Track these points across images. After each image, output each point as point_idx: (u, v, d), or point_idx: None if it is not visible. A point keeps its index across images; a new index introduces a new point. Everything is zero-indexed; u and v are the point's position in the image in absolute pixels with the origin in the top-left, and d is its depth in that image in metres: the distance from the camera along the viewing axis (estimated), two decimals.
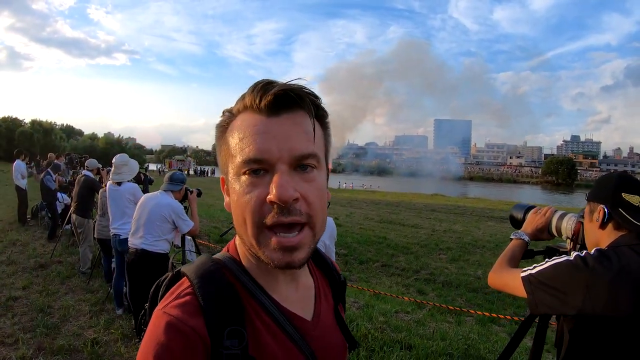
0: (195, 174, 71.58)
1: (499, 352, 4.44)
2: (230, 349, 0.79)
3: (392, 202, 30.79)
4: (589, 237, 1.86)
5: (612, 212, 1.73)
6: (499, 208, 28.42)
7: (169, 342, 0.77)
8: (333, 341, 1.02)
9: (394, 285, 9.70)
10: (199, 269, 0.88)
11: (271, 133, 0.81)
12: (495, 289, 2.05)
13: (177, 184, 4.76)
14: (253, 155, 0.80)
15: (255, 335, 0.84)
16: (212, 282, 0.85)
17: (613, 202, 1.74)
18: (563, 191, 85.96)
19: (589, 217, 1.84)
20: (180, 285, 0.88)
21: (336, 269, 1.16)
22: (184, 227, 4.64)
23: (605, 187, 1.79)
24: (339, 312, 1.09)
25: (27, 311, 5.73)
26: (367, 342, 4.38)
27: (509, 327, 6.38)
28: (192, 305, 0.81)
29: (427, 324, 5.65)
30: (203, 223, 13.53)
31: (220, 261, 0.93)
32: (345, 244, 13.30)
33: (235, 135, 0.84)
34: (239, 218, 0.84)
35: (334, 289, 1.12)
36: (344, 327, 1.08)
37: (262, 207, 0.79)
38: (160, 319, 0.80)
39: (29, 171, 21.92)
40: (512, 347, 2.09)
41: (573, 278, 1.58)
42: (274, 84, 0.83)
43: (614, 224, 1.74)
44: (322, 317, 1.01)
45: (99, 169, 8.05)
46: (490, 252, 13.62)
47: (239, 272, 0.91)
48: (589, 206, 1.85)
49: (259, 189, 0.80)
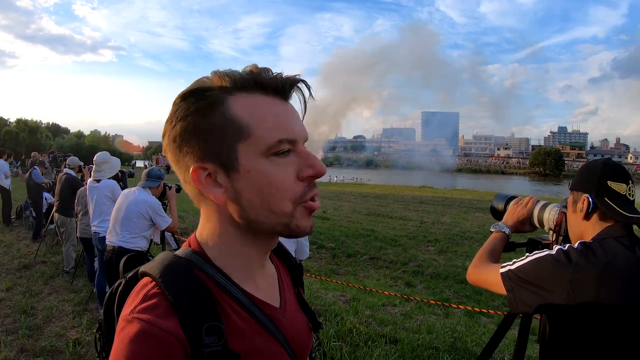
0: None
1: (485, 343, 4.43)
2: (211, 347, 0.75)
3: (380, 195, 30.81)
4: (572, 229, 1.76)
5: (597, 202, 1.63)
6: (487, 199, 28.45)
7: (144, 350, 0.71)
8: (300, 325, 1.02)
9: (382, 277, 9.70)
10: (163, 266, 0.83)
11: (292, 116, 0.86)
12: (475, 285, 1.98)
13: (154, 180, 4.70)
14: (289, 135, 0.82)
15: (231, 328, 0.81)
16: (180, 278, 0.81)
17: (598, 191, 1.64)
18: (551, 182, 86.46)
19: (572, 208, 1.75)
20: (144, 286, 0.81)
21: (290, 254, 1.16)
22: (161, 224, 4.58)
23: (590, 175, 1.69)
24: (301, 296, 1.09)
25: (10, 313, 5.67)
26: (352, 337, 4.35)
27: (497, 319, 6.38)
28: (162, 306, 0.76)
29: (414, 317, 5.63)
30: (188, 219, 13.49)
31: (184, 257, 0.87)
32: (333, 237, 13.30)
33: (252, 114, 0.81)
34: (268, 198, 0.82)
35: (292, 273, 1.12)
36: (308, 309, 1.07)
37: (296, 184, 0.83)
38: (131, 325, 0.74)
39: (14, 171, 21.78)
40: (495, 343, 2.05)
41: (556, 274, 1.51)
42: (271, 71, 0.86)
43: (599, 214, 1.64)
44: (288, 302, 1.01)
45: (80, 166, 7.97)
46: (478, 244, 13.65)
47: (205, 266, 0.86)
48: (572, 196, 1.75)
49: (290, 167, 0.83)
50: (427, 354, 4.07)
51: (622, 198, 1.61)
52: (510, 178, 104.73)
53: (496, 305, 7.61)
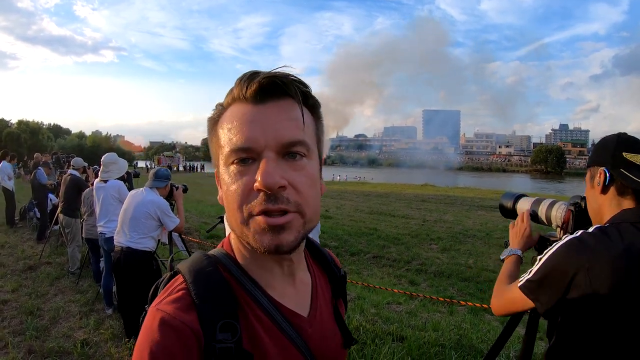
0: (185, 169, 71.32)
1: (491, 341, 4.45)
2: (223, 343, 0.78)
3: (382, 193, 30.85)
4: (591, 205, 1.74)
5: (614, 173, 1.60)
6: (489, 197, 28.51)
7: (163, 339, 0.76)
8: (330, 338, 1.01)
9: (386, 276, 9.72)
10: (192, 265, 0.88)
11: (257, 121, 0.81)
12: (503, 314, 1.92)
13: (162, 180, 4.70)
14: (240, 144, 0.80)
15: (249, 330, 0.84)
16: (205, 277, 0.85)
17: (614, 163, 1.61)
18: (552, 179, 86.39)
19: (590, 184, 1.72)
20: (174, 282, 0.88)
21: (335, 263, 1.15)
22: (169, 224, 4.58)
23: (604, 148, 1.67)
24: (337, 308, 1.08)
25: (17, 314, 5.67)
26: (359, 335, 4.36)
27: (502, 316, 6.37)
28: (184, 301, 0.81)
29: (419, 315, 5.64)
30: (193, 219, 13.51)
31: (215, 257, 0.92)
32: (336, 236, 13.35)
33: (225, 126, 0.84)
34: (229, 207, 0.83)
35: (333, 284, 1.10)
36: (342, 323, 1.06)
37: (249, 195, 0.79)
38: (154, 315, 0.80)
39: (17, 172, 21.79)
40: (502, 341, 2.04)
41: (570, 262, 1.47)
42: (258, 74, 0.83)
43: (616, 188, 1.61)
44: (319, 313, 0.99)
45: (84, 167, 7.97)
46: (481, 242, 13.70)
47: (232, 267, 0.90)
48: (589, 172, 1.73)
49: (246, 177, 0.80)
50: (433, 351, 4.08)
51: (638, 168, 1.58)
52: (512, 176, 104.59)
53: None
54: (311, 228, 0.86)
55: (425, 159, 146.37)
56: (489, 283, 8.97)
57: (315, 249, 1.12)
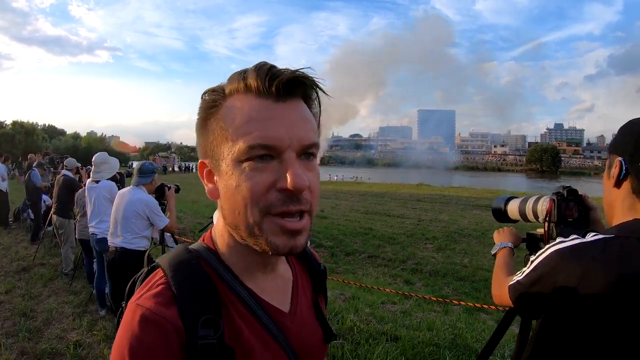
0: (180, 170, 71.16)
1: (486, 340, 4.42)
2: (205, 339, 0.77)
3: (378, 193, 30.89)
4: (605, 196, 1.51)
5: (630, 167, 1.34)
6: (484, 197, 28.55)
7: (143, 335, 0.75)
8: (311, 333, 1.00)
9: (381, 276, 9.74)
10: (173, 259, 0.87)
11: (280, 119, 0.79)
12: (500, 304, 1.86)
13: (147, 175, 4.64)
14: (262, 140, 0.77)
15: (231, 325, 0.83)
16: (186, 271, 0.84)
17: (633, 155, 1.33)
18: (548, 178, 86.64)
19: (607, 173, 1.47)
20: (154, 276, 0.86)
21: (315, 258, 1.13)
22: (159, 223, 4.54)
23: (629, 134, 1.38)
24: (318, 304, 1.07)
25: (10, 316, 5.64)
26: (353, 335, 4.35)
27: (496, 315, 6.39)
28: (165, 295, 0.80)
29: (413, 314, 5.64)
30: (187, 219, 13.49)
31: (196, 251, 0.90)
32: (331, 236, 13.37)
33: (236, 117, 0.80)
34: (237, 204, 0.80)
35: (314, 279, 1.09)
36: (322, 318, 1.05)
37: (267, 194, 0.77)
38: (134, 311, 0.78)
39: (11, 173, 21.71)
40: (496, 340, 2.03)
41: (562, 273, 1.32)
42: (280, 69, 0.80)
43: (631, 184, 1.35)
44: (300, 308, 0.99)
45: (77, 168, 7.93)
46: (476, 241, 13.74)
47: (214, 262, 0.88)
48: (608, 159, 1.47)
49: (264, 174, 0.77)
50: (427, 350, 4.08)
51: None
52: (507, 175, 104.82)
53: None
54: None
55: (421, 158, 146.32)
56: (485, 282, 8.99)
57: None
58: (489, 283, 1.91)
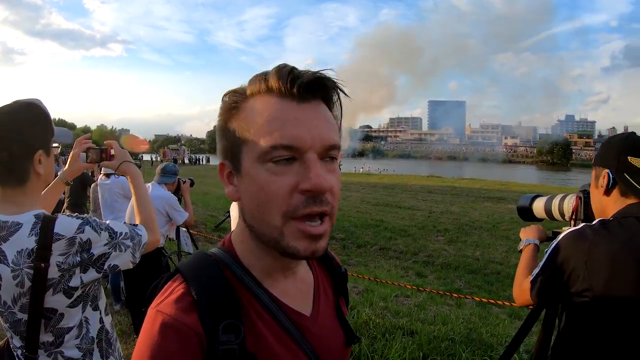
0: (190, 162, 71.41)
1: (500, 335, 4.44)
2: (226, 344, 0.76)
3: (388, 185, 30.84)
4: (595, 204, 1.74)
5: (617, 177, 1.59)
6: (495, 188, 28.50)
7: (164, 342, 0.75)
8: (333, 336, 0.98)
9: (393, 268, 9.73)
10: (193, 264, 0.86)
11: (302, 120, 0.78)
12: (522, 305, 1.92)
13: (169, 176, 4.66)
14: (286, 141, 0.76)
15: (253, 330, 0.81)
16: (206, 276, 0.83)
17: (618, 166, 1.59)
18: (558, 170, 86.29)
19: (594, 183, 1.72)
20: (174, 281, 0.85)
21: (336, 261, 1.12)
22: (178, 219, 4.54)
23: (611, 149, 1.64)
24: (339, 307, 1.05)
25: None
26: (369, 330, 4.34)
27: (509, 309, 6.37)
28: (185, 301, 0.79)
29: (427, 308, 5.63)
30: (199, 212, 13.52)
31: (216, 256, 0.89)
32: (342, 228, 13.37)
33: (257, 118, 0.79)
34: (260, 207, 0.79)
35: (335, 281, 1.07)
36: (344, 321, 1.03)
37: (290, 197, 0.76)
38: (154, 317, 0.78)
39: None
40: (522, 336, 2.01)
41: (570, 256, 1.49)
42: (302, 71, 0.79)
43: (619, 190, 1.60)
44: (322, 311, 0.97)
45: None
46: (487, 233, 13.71)
47: (235, 267, 0.87)
48: (594, 171, 1.72)
49: (287, 177, 0.76)
50: (444, 345, 4.06)
51: None
52: (518, 167, 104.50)
53: (507, 296, 7.60)
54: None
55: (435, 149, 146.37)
56: (496, 275, 8.99)
57: None
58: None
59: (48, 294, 1.49)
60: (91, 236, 1.54)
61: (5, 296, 1.49)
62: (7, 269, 1.46)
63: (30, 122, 1.56)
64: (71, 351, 1.60)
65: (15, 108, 1.54)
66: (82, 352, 1.63)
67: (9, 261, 1.46)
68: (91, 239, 1.54)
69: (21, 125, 1.52)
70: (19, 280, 1.46)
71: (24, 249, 1.46)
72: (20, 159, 1.53)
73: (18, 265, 1.46)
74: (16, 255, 1.46)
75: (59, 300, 1.52)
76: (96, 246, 1.54)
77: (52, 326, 1.55)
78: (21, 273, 1.46)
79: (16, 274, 1.46)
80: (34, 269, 1.46)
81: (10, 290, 1.48)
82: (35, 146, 1.55)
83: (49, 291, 1.48)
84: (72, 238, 1.50)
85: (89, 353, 1.65)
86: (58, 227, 1.50)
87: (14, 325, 1.53)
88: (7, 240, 1.47)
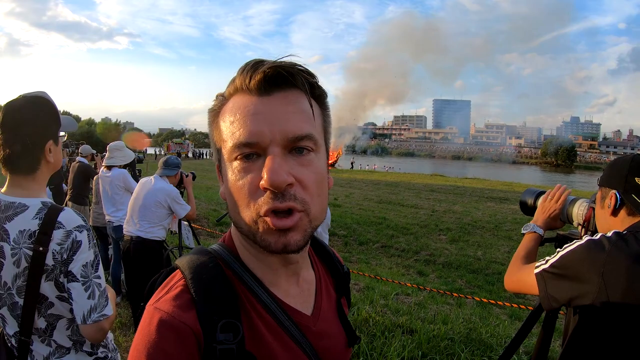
0: (194, 156, 71.29)
1: (500, 335, 4.42)
2: (224, 344, 0.75)
3: (392, 183, 30.77)
4: (600, 225, 1.73)
5: (625, 198, 1.59)
6: (498, 188, 28.43)
7: (161, 339, 0.73)
8: (334, 336, 0.97)
9: (394, 266, 9.75)
10: (192, 261, 0.84)
11: (262, 114, 0.76)
12: (514, 292, 1.93)
13: (172, 168, 4.63)
14: (244, 138, 0.75)
15: (252, 329, 0.80)
16: (205, 273, 0.81)
17: (625, 187, 1.60)
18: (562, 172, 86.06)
19: (600, 204, 1.72)
20: (172, 278, 0.84)
21: (339, 260, 1.10)
22: (180, 212, 4.52)
23: (618, 171, 1.65)
24: (341, 306, 1.04)
25: None
26: (368, 327, 4.33)
27: (510, 309, 6.37)
28: (183, 299, 0.77)
29: (428, 307, 5.61)
30: (201, 206, 13.52)
31: (215, 252, 0.88)
32: (344, 225, 13.37)
33: (227, 118, 0.80)
34: (233, 205, 0.80)
35: (337, 280, 1.06)
36: (346, 322, 1.02)
37: (255, 193, 0.76)
38: (152, 314, 0.77)
39: None
40: (520, 339, 2.01)
41: (587, 264, 1.46)
42: (264, 63, 0.78)
43: (627, 211, 1.61)
44: (323, 311, 0.96)
45: (93, 155, 7.98)
46: (489, 233, 13.69)
47: (234, 264, 0.86)
48: (600, 192, 1.73)
49: (251, 174, 0.76)
50: (443, 344, 4.05)
51: None
52: (522, 168, 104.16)
53: (508, 297, 7.60)
54: (317, 226, 0.82)
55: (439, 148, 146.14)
56: (498, 275, 9.01)
57: (320, 246, 1.09)
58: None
59: (42, 279, 1.54)
60: (83, 240, 1.59)
61: (5, 276, 1.54)
62: (7, 247, 1.53)
63: (40, 115, 1.63)
64: (62, 340, 1.65)
65: (25, 102, 1.62)
66: (72, 342, 1.67)
67: (10, 240, 1.53)
68: (82, 243, 1.58)
69: (32, 118, 1.61)
70: (16, 259, 1.52)
71: (26, 230, 1.53)
72: (32, 150, 1.61)
73: (18, 244, 1.52)
74: (18, 235, 1.53)
75: (49, 288, 1.57)
76: (79, 257, 1.57)
77: (44, 312, 1.59)
78: (19, 252, 1.52)
79: (14, 252, 1.52)
80: (33, 250, 1.52)
81: (10, 269, 1.54)
82: (46, 137, 1.64)
83: (42, 276, 1.54)
84: (69, 232, 1.56)
85: (79, 343, 1.69)
86: (62, 217, 1.57)
87: (12, 308, 1.57)
88: (11, 220, 1.54)
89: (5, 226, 1.53)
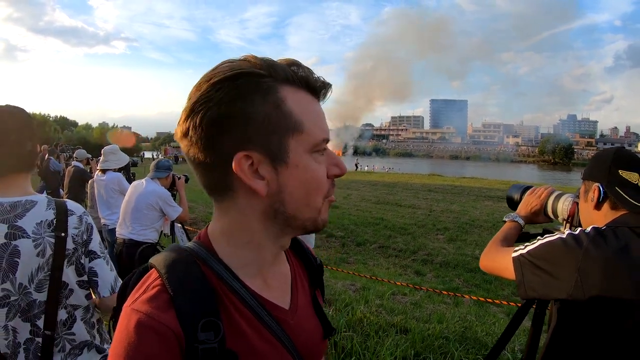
0: None
1: (496, 334, 4.41)
2: (205, 343, 0.74)
3: (389, 183, 30.71)
4: (584, 219, 1.73)
5: (608, 191, 1.58)
6: (496, 187, 28.33)
7: (141, 342, 0.72)
8: (311, 329, 0.98)
9: (392, 266, 9.74)
10: (168, 259, 0.82)
11: (324, 116, 0.88)
12: (487, 272, 1.94)
13: (163, 171, 4.65)
14: (327, 134, 0.86)
15: (232, 326, 0.80)
16: (182, 271, 0.80)
17: (609, 180, 1.58)
18: (560, 170, 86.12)
19: (583, 197, 1.71)
20: (148, 277, 0.83)
21: (311, 253, 1.12)
22: (172, 214, 4.53)
23: (601, 164, 1.64)
24: (316, 299, 1.05)
25: None
26: (362, 327, 4.31)
27: (507, 308, 6.37)
28: (161, 299, 0.76)
29: (424, 306, 5.61)
30: (198, 209, 13.52)
31: (191, 249, 0.86)
32: (342, 226, 13.37)
33: (303, 110, 0.83)
34: (310, 193, 0.85)
35: (310, 273, 1.07)
36: (321, 314, 1.03)
37: (326, 182, 0.87)
38: (129, 316, 0.75)
39: None
40: (509, 335, 2.01)
41: (564, 258, 1.46)
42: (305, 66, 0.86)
43: (610, 204, 1.60)
44: (300, 304, 0.98)
45: (88, 159, 8.00)
46: (487, 232, 13.64)
47: (212, 261, 0.85)
48: (584, 185, 1.71)
49: (323, 165, 0.86)
50: (437, 343, 4.04)
51: (634, 187, 1.56)
52: (520, 166, 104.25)
53: (505, 295, 7.62)
54: None
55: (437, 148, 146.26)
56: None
57: (293, 240, 1.07)
58: (500, 277, 1.88)
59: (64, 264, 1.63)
60: (92, 222, 1.77)
61: (21, 276, 1.56)
62: (27, 241, 1.57)
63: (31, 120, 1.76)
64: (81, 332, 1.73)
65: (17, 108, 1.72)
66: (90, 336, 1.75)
67: (29, 233, 1.58)
68: (92, 225, 1.76)
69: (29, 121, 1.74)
70: (40, 249, 1.58)
71: (44, 220, 1.61)
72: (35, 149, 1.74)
73: (39, 235, 1.59)
74: (36, 226, 1.59)
75: (71, 274, 1.67)
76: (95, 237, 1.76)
77: (65, 302, 1.67)
78: (43, 241, 1.59)
79: (38, 243, 1.58)
80: (55, 237, 1.61)
81: (29, 264, 1.57)
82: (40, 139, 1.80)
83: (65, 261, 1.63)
84: (81, 217, 1.71)
85: (93, 336, 1.76)
86: (69, 206, 1.71)
87: (27, 309, 1.59)
88: (23, 216, 1.59)
89: (17, 224, 1.56)
